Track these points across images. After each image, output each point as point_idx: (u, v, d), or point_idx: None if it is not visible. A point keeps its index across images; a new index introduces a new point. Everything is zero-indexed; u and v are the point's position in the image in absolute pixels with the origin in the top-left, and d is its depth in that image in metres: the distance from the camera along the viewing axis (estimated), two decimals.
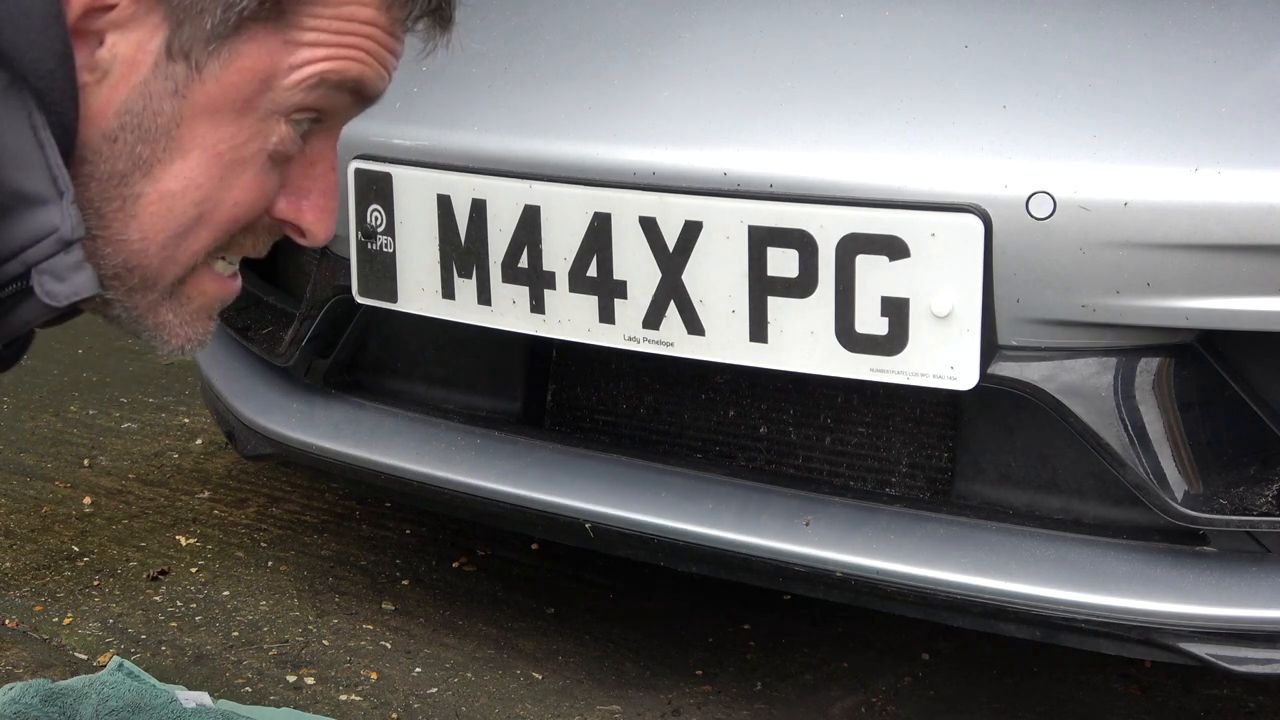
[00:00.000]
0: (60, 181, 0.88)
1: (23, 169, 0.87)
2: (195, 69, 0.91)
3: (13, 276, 0.90)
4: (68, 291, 0.90)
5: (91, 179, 0.94)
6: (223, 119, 0.93)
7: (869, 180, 1.52)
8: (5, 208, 0.88)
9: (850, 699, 2.02)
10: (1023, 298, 1.48)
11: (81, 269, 0.90)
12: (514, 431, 1.95)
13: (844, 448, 1.81)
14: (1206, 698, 2.02)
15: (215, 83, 0.92)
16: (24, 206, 0.88)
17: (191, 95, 0.92)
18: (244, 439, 2.17)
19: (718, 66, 1.69)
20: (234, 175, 0.96)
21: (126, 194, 0.94)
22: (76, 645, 2.14)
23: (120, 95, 0.91)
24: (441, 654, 2.13)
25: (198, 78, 0.92)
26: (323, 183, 1.02)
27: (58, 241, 0.89)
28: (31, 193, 0.88)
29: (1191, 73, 1.50)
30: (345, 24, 0.94)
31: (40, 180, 0.88)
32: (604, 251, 1.65)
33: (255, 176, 0.97)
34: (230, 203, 0.97)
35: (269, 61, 0.93)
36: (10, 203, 0.88)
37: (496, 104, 1.78)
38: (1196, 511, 1.50)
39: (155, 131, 0.92)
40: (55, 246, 0.89)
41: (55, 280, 0.90)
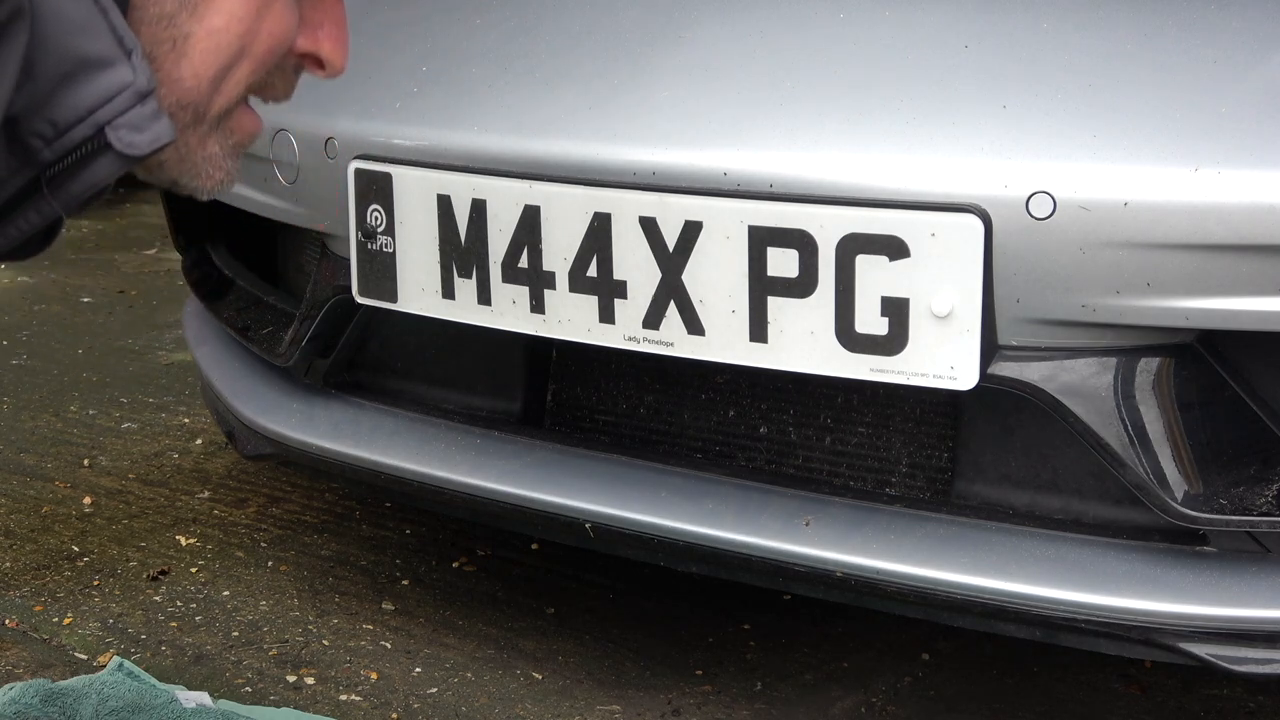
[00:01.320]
0: (126, 40, 0.93)
1: (86, 34, 0.91)
2: None
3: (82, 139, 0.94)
4: (148, 140, 0.95)
5: (142, 23, 0.99)
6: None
7: (869, 180, 1.52)
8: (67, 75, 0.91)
9: (850, 699, 2.02)
10: (1023, 298, 1.48)
11: (159, 118, 0.96)
12: (514, 431, 1.95)
13: (844, 448, 1.81)
14: (1206, 698, 2.02)
15: None
16: (90, 70, 0.92)
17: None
18: (244, 439, 2.17)
19: (718, 66, 1.69)
20: (266, 7, 1.03)
21: (175, 34, 1.00)
22: (76, 645, 2.14)
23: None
24: (441, 654, 2.13)
25: None
26: (334, 13, 1.10)
27: (134, 95, 0.93)
28: (96, 56, 0.92)
29: (1191, 73, 1.50)
30: None
31: (105, 43, 0.92)
32: (604, 251, 1.65)
33: (283, 7, 1.05)
34: (266, 34, 1.04)
35: None
36: (75, 69, 0.92)
37: (496, 104, 1.78)
38: (1196, 511, 1.50)
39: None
40: (132, 100, 0.94)
41: (134, 131, 0.94)
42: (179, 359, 3.53)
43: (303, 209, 1.97)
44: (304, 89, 2.09)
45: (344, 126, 1.86)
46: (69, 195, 0.97)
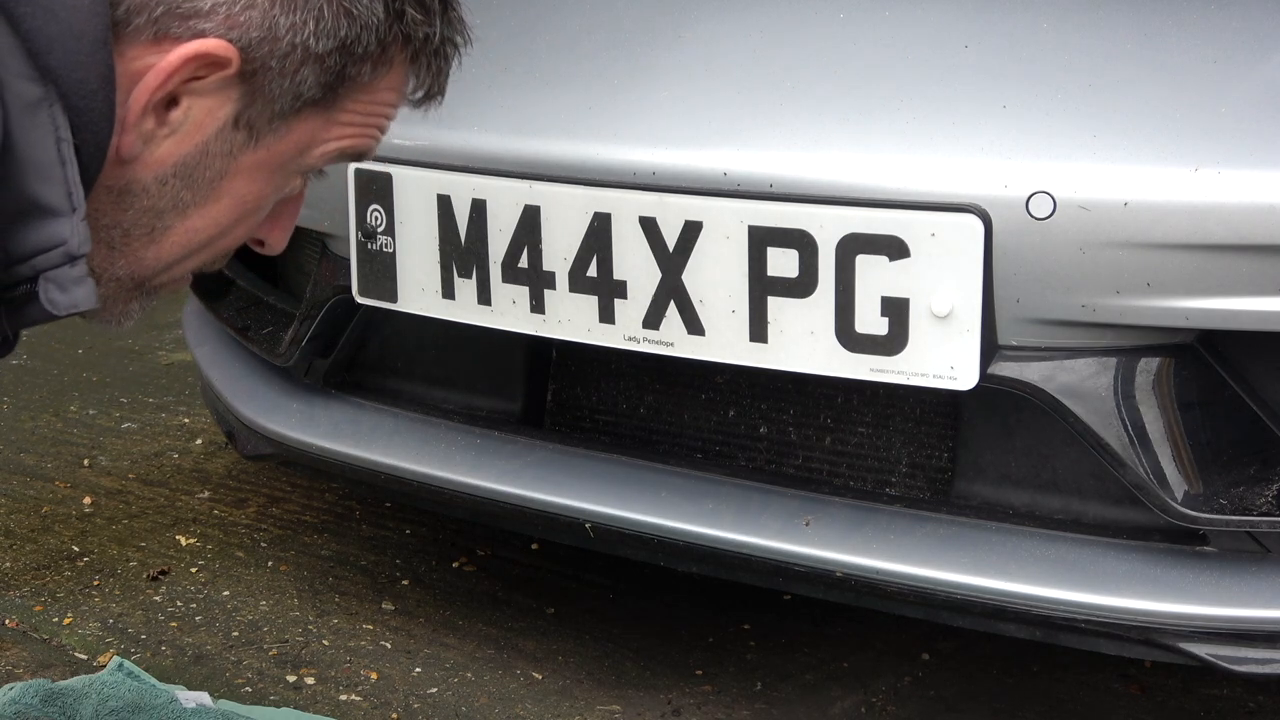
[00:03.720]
0: (74, 198, 0.95)
1: (43, 180, 0.94)
2: (253, 138, 1.03)
3: (25, 278, 0.97)
4: (68, 303, 0.98)
5: (131, 209, 1.03)
6: (258, 176, 1.05)
7: (869, 180, 1.52)
8: (23, 213, 0.94)
9: (850, 699, 2.02)
10: (1023, 298, 1.48)
11: (83, 283, 0.98)
12: (514, 431, 1.95)
13: (844, 448, 1.81)
14: (1206, 698, 2.02)
15: (265, 150, 1.04)
16: (40, 215, 0.95)
17: (241, 158, 1.03)
18: (244, 439, 2.17)
19: (718, 66, 1.69)
20: (250, 217, 1.08)
21: (157, 225, 1.04)
22: (76, 645, 2.14)
23: (182, 149, 1.01)
24: (441, 654, 2.13)
25: (251, 145, 1.03)
26: (294, 208, 1.15)
27: (64, 254, 0.96)
28: (48, 203, 0.94)
29: (1191, 73, 1.50)
30: (374, 108, 1.07)
31: (57, 193, 0.94)
32: (604, 251, 1.65)
33: (259, 217, 1.10)
34: (237, 236, 1.09)
35: (310, 136, 1.05)
36: (28, 209, 0.94)
37: (496, 104, 1.78)
38: (1196, 511, 1.50)
39: (201, 183, 1.03)
40: (61, 259, 0.96)
41: (58, 290, 0.97)
42: (179, 359, 3.52)
43: (303, 209, 1.96)
44: None
45: None
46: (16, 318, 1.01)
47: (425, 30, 1.05)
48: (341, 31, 1.00)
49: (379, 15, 1.01)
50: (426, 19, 1.05)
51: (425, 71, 1.08)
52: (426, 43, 1.06)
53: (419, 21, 1.04)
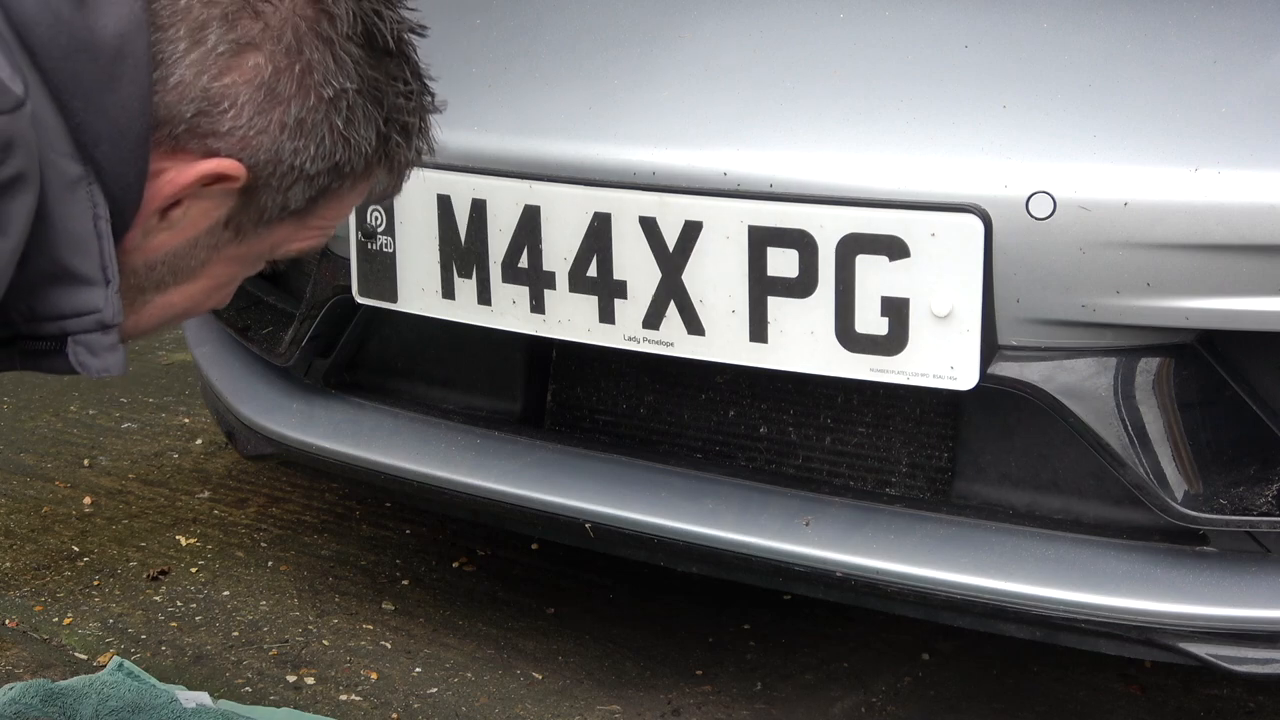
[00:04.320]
0: (109, 271, 1.03)
1: (79, 253, 1.02)
2: (239, 237, 1.12)
3: (48, 335, 1.05)
4: (99, 366, 1.06)
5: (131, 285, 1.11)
6: (233, 264, 1.15)
7: (869, 180, 1.52)
8: (54, 278, 1.02)
9: (850, 699, 2.02)
10: (1023, 298, 1.48)
11: (115, 350, 1.07)
12: (514, 431, 1.95)
13: (844, 448, 1.81)
14: (1206, 698, 2.02)
15: (245, 246, 1.13)
16: (71, 282, 1.02)
17: (225, 249, 1.12)
18: (244, 439, 2.17)
19: (718, 66, 1.69)
20: (221, 292, 1.18)
21: (138, 299, 1.12)
22: (76, 645, 2.14)
23: (175, 242, 1.09)
24: (441, 654, 2.13)
25: (235, 242, 1.12)
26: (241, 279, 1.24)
27: (97, 322, 1.05)
28: (81, 273, 1.02)
29: (1191, 73, 1.50)
30: (341, 212, 1.16)
31: (92, 265, 1.03)
32: (604, 251, 1.65)
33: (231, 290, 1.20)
34: (206, 306, 1.19)
35: (285, 236, 1.15)
36: (60, 276, 1.02)
37: (496, 104, 1.78)
38: (1196, 511, 1.50)
39: (185, 269, 1.12)
40: (94, 325, 1.05)
41: (89, 354, 1.05)
42: (179, 359, 3.52)
43: None
44: None
45: None
46: (34, 366, 1.08)
47: (403, 155, 1.14)
48: (337, 156, 1.08)
49: (371, 142, 1.09)
50: (408, 144, 1.14)
51: (390, 181, 1.17)
52: (401, 162, 1.15)
53: (401, 146, 1.13)
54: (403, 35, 1.10)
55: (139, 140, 1.01)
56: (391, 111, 1.10)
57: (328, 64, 1.05)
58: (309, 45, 1.04)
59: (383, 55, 1.08)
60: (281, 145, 1.05)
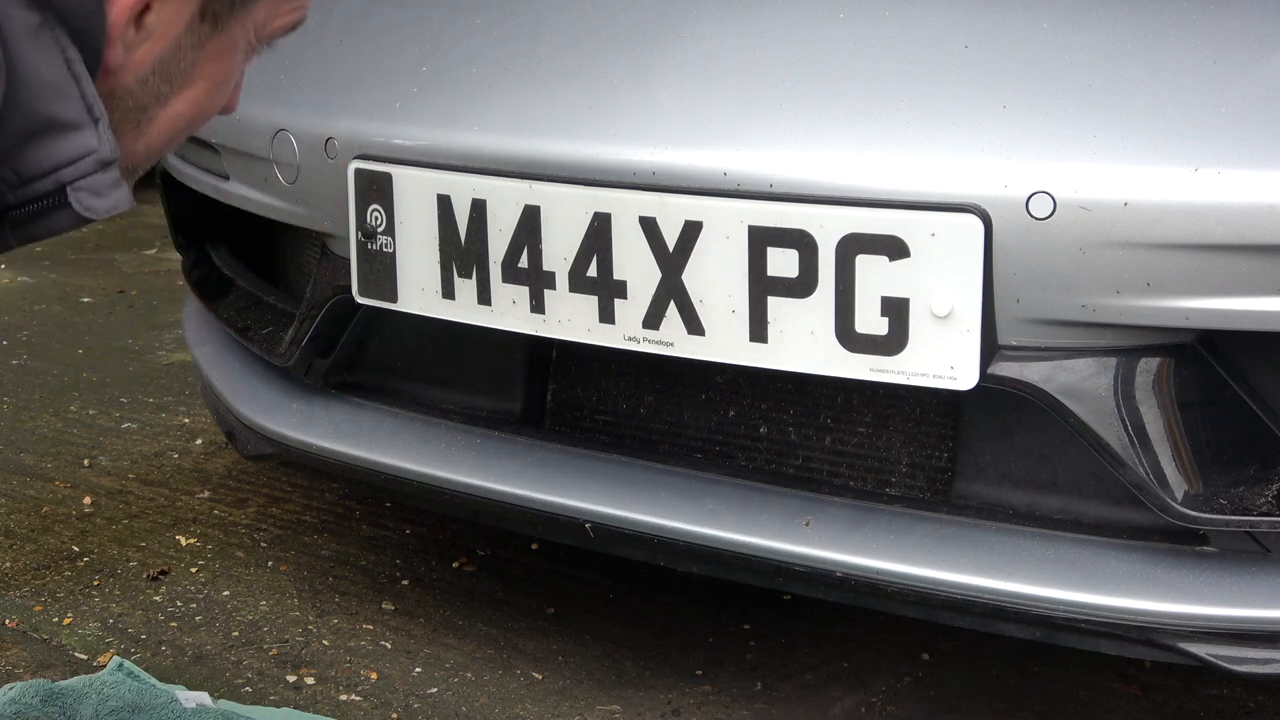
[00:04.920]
0: (95, 109, 1.01)
1: (59, 100, 0.99)
2: (217, 26, 1.10)
3: (44, 193, 1.02)
4: (106, 206, 1.04)
5: (116, 110, 1.09)
6: (223, 58, 1.13)
7: (869, 180, 1.52)
8: (35, 133, 0.99)
9: (850, 699, 2.02)
10: (1023, 298, 1.48)
11: (119, 186, 1.04)
12: (514, 431, 1.95)
13: (844, 448, 1.81)
14: (1206, 698, 2.02)
15: (228, 34, 1.11)
16: (56, 131, 1.00)
17: (208, 44, 1.10)
18: (244, 439, 2.17)
19: (718, 66, 1.69)
20: (222, 91, 1.16)
21: (142, 119, 1.11)
22: (76, 645, 2.14)
23: (157, 49, 1.07)
24: (441, 654, 2.13)
25: (216, 33, 1.10)
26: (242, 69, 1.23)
27: (96, 162, 1.02)
28: (66, 119, 1.00)
29: (1191, 73, 1.50)
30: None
31: (75, 109, 1.00)
32: (604, 251, 1.65)
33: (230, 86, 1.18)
34: (213, 109, 1.17)
35: (265, 15, 1.13)
36: (41, 129, 0.99)
37: (496, 104, 1.78)
38: (1196, 511, 1.50)
39: (177, 74, 1.10)
40: (94, 166, 1.02)
41: (93, 196, 1.02)
42: (179, 359, 3.53)
43: (303, 209, 1.97)
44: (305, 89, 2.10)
45: (344, 126, 1.86)
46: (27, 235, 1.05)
47: None
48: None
49: None
50: None
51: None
52: None
53: None
54: None
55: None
56: None
57: None
58: None
59: None
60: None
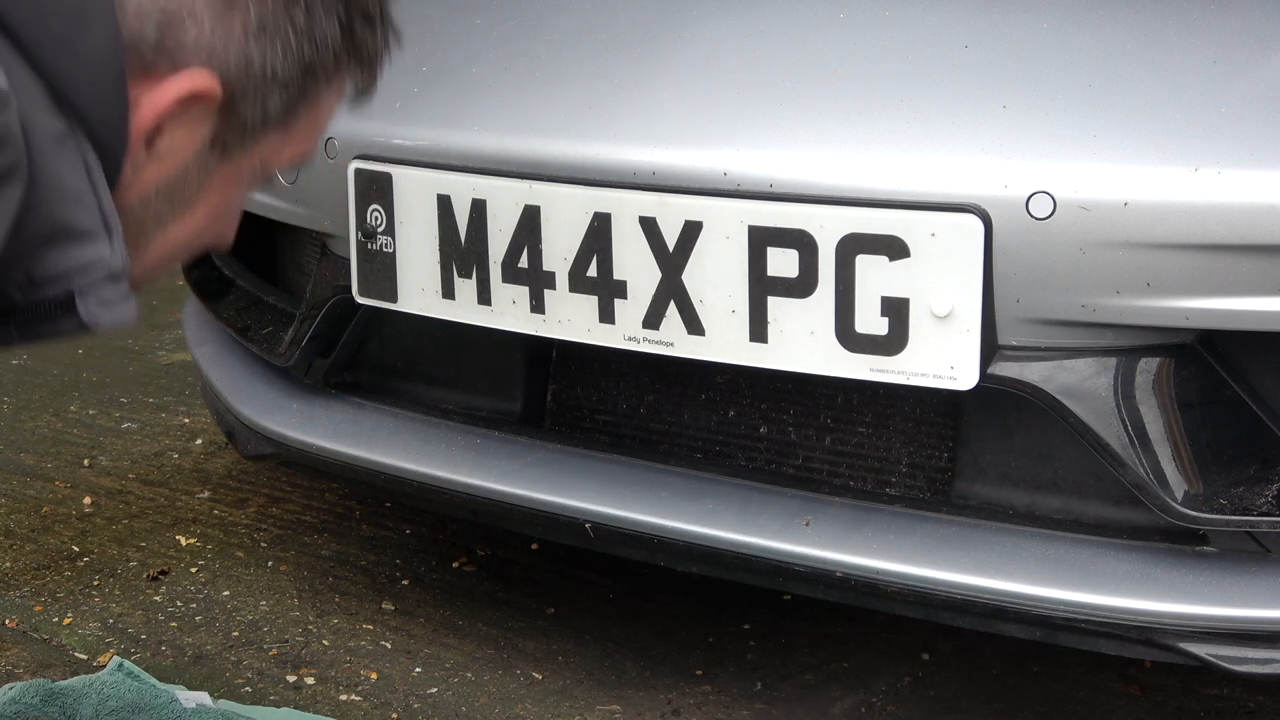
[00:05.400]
0: (110, 221, 1.02)
1: (76, 208, 1.00)
2: (226, 155, 1.10)
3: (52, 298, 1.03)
4: (112, 319, 1.05)
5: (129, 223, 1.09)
6: (228, 187, 1.13)
7: (869, 180, 1.52)
8: (51, 238, 1.00)
9: (850, 699, 2.02)
10: (1023, 298, 1.48)
11: (127, 300, 1.05)
12: (514, 431, 1.95)
13: (844, 448, 1.81)
14: (1206, 698, 2.02)
15: (235, 164, 1.12)
16: (71, 239, 1.00)
17: (215, 173, 1.11)
18: (244, 439, 2.17)
19: (718, 66, 1.69)
20: (221, 220, 1.17)
21: (141, 240, 1.11)
22: (76, 645, 2.14)
23: (165, 171, 1.08)
24: (441, 654, 2.13)
25: (224, 162, 1.11)
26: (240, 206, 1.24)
27: (107, 273, 1.02)
28: (81, 228, 1.00)
29: (1191, 73, 1.50)
30: (321, 116, 1.16)
31: (91, 218, 1.01)
32: (604, 251, 1.65)
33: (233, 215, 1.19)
34: (210, 238, 1.17)
35: (272, 149, 1.13)
36: (57, 234, 1.00)
37: (496, 104, 1.78)
38: (1196, 511, 1.50)
39: (181, 199, 1.10)
40: (104, 276, 1.02)
41: (101, 306, 1.03)
42: (179, 359, 3.52)
43: (303, 209, 1.97)
44: None
45: (344, 126, 1.86)
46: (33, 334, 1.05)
47: (370, 44, 1.13)
48: (305, 55, 1.07)
49: (335, 36, 1.08)
50: (371, 32, 1.12)
51: (364, 76, 1.16)
52: (370, 53, 1.14)
53: (365, 36, 1.12)
54: None
55: (116, 79, 1.00)
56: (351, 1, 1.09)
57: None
58: None
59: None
60: (249, 51, 1.04)
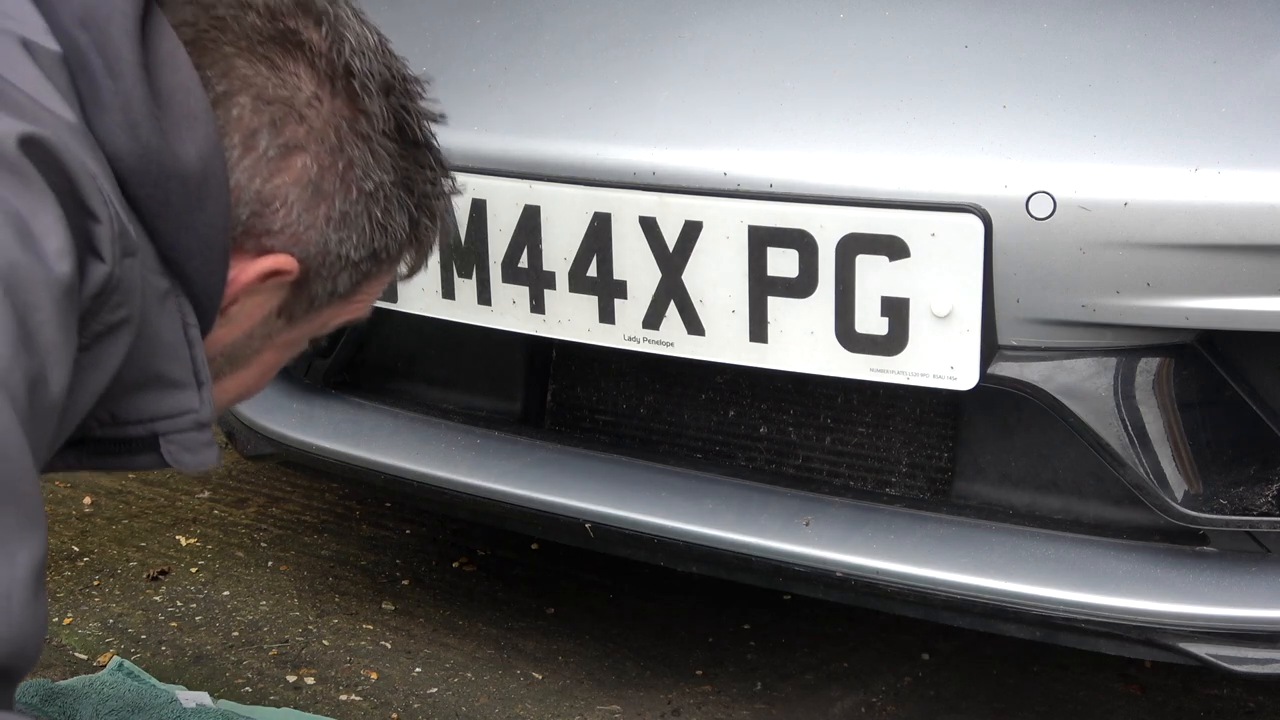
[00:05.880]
0: (202, 374, 1.08)
1: (171, 360, 1.06)
2: (290, 324, 1.17)
3: (135, 437, 1.09)
4: (195, 462, 1.10)
5: None
6: (285, 348, 1.21)
7: (869, 180, 1.52)
8: (143, 385, 1.06)
9: (850, 699, 2.02)
10: (1023, 298, 1.48)
11: (210, 446, 1.11)
12: (514, 431, 1.95)
13: (844, 448, 1.81)
14: (1206, 698, 2.02)
15: (295, 330, 1.19)
16: (163, 386, 1.07)
17: (277, 337, 1.18)
18: (244, 439, 2.17)
19: (718, 66, 1.69)
20: (269, 375, 1.24)
21: None
22: (76, 645, 2.14)
23: (233, 335, 1.14)
24: (441, 654, 2.13)
25: (287, 329, 1.18)
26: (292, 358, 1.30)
27: (194, 422, 1.09)
28: (174, 378, 1.07)
29: (1191, 73, 1.50)
30: (376, 290, 1.23)
31: (184, 370, 1.07)
32: (604, 251, 1.65)
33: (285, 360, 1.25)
34: (255, 391, 1.24)
35: (329, 316, 1.21)
36: (150, 382, 1.06)
37: (496, 104, 1.78)
38: (1196, 511, 1.50)
39: (241, 358, 1.17)
40: (190, 425, 1.09)
41: (185, 451, 1.09)
42: None
43: None
44: None
45: None
46: (101, 465, 1.11)
47: (430, 234, 1.20)
48: (375, 243, 1.14)
49: (405, 228, 1.15)
50: (434, 225, 1.20)
51: (417, 257, 1.23)
52: (428, 241, 1.22)
53: (429, 228, 1.19)
54: (427, 126, 1.17)
55: (222, 251, 1.06)
56: (421, 198, 1.16)
57: (367, 160, 1.10)
58: (349, 144, 1.10)
59: (412, 146, 1.15)
60: (328, 238, 1.11)
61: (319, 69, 1.08)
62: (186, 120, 1.02)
